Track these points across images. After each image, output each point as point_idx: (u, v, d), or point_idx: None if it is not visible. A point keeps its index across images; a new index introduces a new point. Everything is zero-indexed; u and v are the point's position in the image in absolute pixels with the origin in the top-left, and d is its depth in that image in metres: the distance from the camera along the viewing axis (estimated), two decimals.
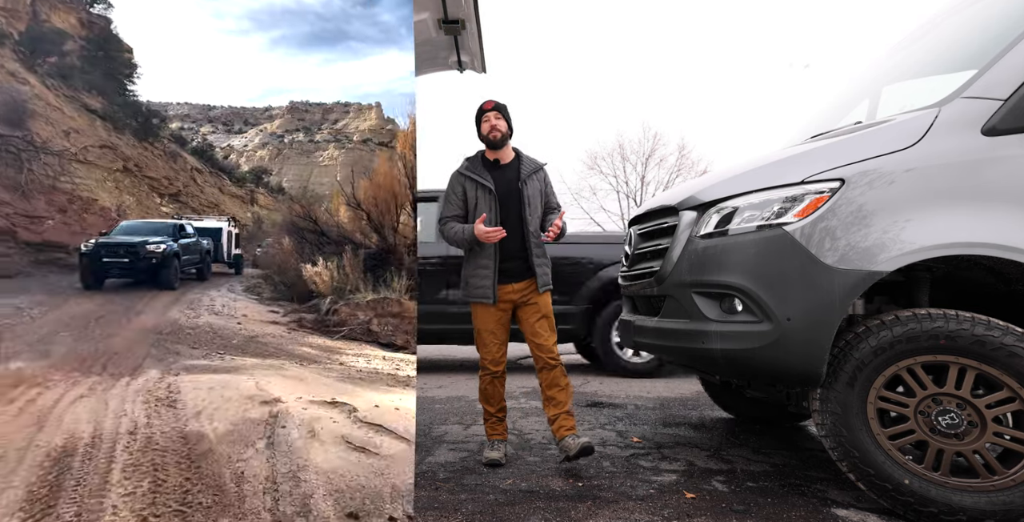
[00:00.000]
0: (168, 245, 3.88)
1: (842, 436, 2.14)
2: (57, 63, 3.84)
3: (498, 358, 2.93)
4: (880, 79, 3.22)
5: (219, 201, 5.30)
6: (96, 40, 4.07)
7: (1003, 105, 2.09)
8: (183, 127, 7.68)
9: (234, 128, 8.99)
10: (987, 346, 1.99)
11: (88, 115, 3.85)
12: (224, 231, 4.65)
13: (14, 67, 3.42)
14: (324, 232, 3.96)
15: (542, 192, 2.97)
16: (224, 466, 1.63)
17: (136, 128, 4.27)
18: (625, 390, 4.91)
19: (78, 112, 3.75)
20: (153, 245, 3.80)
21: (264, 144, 8.54)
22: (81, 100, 3.85)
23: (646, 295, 2.87)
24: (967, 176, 2.09)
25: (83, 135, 3.61)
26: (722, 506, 2.27)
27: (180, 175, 4.47)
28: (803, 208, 2.20)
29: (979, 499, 1.97)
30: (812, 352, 2.13)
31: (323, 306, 3.32)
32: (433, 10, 3.77)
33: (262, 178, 6.43)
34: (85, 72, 3.99)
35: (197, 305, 3.28)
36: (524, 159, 3.00)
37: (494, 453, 2.88)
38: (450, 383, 5.23)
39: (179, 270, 3.95)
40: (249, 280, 4.19)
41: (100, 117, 3.92)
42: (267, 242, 4.85)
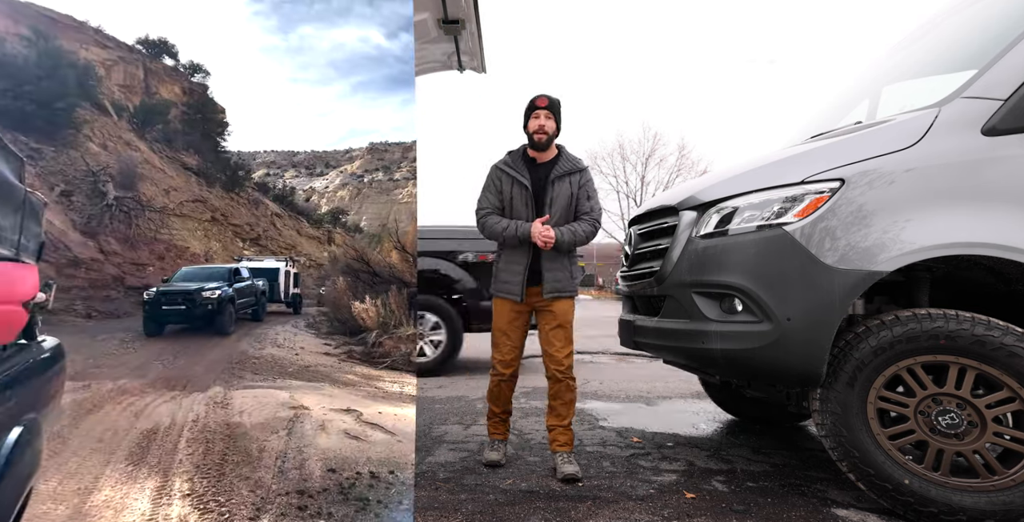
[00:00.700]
0: (223, 290, 3.95)
1: (842, 436, 2.13)
2: (163, 129, 4.43)
3: (508, 360, 2.85)
4: (880, 79, 3.22)
5: (296, 242, 5.61)
6: (195, 105, 4.62)
7: (1003, 105, 2.09)
8: (269, 173, 8.40)
9: (316, 171, 9.41)
10: (987, 346, 1.99)
11: (185, 173, 4.39)
12: (281, 271, 4.66)
13: (129, 137, 4.03)
14: (376, 272, 4.35)
15: (572, 195, 2.77)
16: (252, 442, 2.51)
17: (224, 181, 4.77)
18: (625, 390, 4.91)
19: (177, 171, 4.31)
20: (209, 291, 3.88)
21: (344, 184, 8.95)
22: (180, 159, 4.41)
23: (646, 295, 2.86)
24: (967, 176, 2.09)
25: (180, 192, 4.14)
26: (722, 506, 2.27)
27: (261, 221, 4.91)
28: (803, 208, 2.20)
29: (979, 499, 1.97)
30: (812, 352, 2.13)
31: (370, 339, 3.75)
32: (433, 10, 3.77)
33: (339, 218, 6.67)
34: (186, 134, 4.56)
35: (263, 339, 3.85)
36: (562, 159, 2.83)
37: (493, 454, 2.86)
38: (450, 383, 5.23)
39: (234, 315, 4.02)
40: (309, 318, 4.53)
41: (195, 174, 4.45)
42: (330, 281, 5.15)
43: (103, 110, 3.92)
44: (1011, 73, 2.11)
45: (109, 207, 3.46)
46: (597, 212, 2.82)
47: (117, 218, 3.58)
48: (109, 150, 3.71)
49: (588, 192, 2.81)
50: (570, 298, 2.82)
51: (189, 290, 3.93)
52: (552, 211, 2.74)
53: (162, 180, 4.02)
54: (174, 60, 4.31)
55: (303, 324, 4.29)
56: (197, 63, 4.32)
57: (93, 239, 3.35)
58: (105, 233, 3.47)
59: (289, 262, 4.78)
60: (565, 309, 2.79)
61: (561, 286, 2.77)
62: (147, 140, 4.17)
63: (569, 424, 2.81)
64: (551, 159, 2.83)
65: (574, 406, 2.83)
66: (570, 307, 2.82)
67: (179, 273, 4.13)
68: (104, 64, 4.09)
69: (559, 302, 2.79)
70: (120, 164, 3.79)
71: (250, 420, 2.65)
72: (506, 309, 2.84)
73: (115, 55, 4.13)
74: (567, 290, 2.79)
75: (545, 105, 2.75)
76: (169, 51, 4.22)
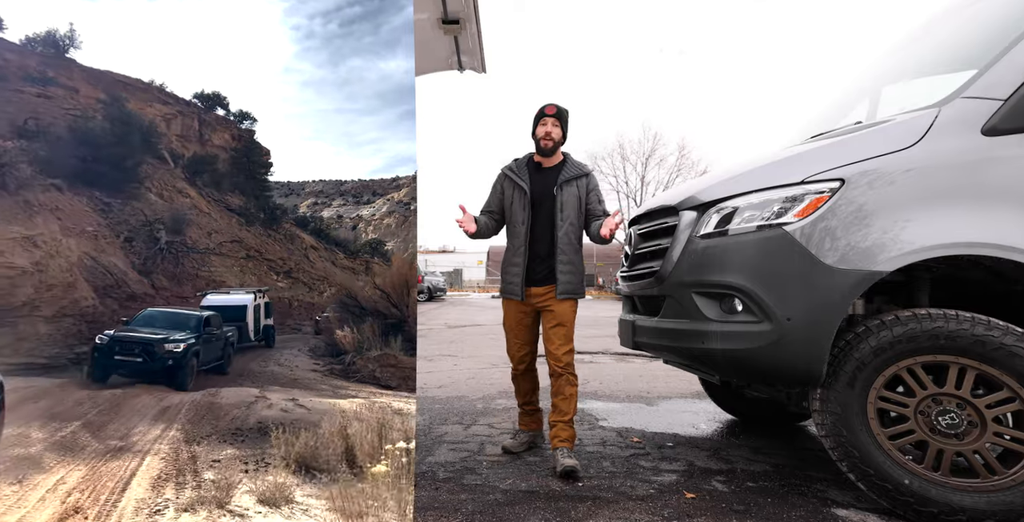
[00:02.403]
0: (188, 343, 3.68)
1: (842, 436, 2.13)
2: (212, 174, 4.91)
3: (519, 357, 3.05)
4: (880, 79, 3.22)
5: (329, 274, 5.84)
6: (243, 149, 5.07)
7: (1003, 105, 2.09)
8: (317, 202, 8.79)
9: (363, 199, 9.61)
10: (987, 346, 1.99)
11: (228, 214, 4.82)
12: (249, 308, 4.46)
13: (182, 185, 4.51)
14: (363, 306, 5.04)
15: (580, 199, 2.90)
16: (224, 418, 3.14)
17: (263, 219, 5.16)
18: (625, 390, 4.90)
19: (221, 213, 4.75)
20: (172, 344, 3.61)
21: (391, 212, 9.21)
22: (226, 201, 4.85)
23: (646, 295, 2.86)
24: (967, 176, 2.09)
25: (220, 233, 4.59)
26: (722, 506, 2.27)
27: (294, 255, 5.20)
28: (803, 208, 2.20)
29: (979, 499, 1.97)
30: (812, 352, 2.13)
31: (347, 360, 4.52)
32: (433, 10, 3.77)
33: (378, 248, 6.84)
34: (232, 176, 5.03)
35: (268, 359, 4.60)
36: (568, 164, 2.97)
37: (509, 442, 3.06)
38: (450, 383, 5.23)
39: (195, 369, 3.77)
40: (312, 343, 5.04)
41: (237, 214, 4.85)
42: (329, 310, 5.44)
43: (162, 160, 4.43)
44: (1011, 73, 2.11)
45: (161, 250, 4.01)
46: (605, 213, 2.94)
47: (167, 259, 4.11)
48: (165, 198, 4.26)
49: (598, 196, 2.97)
50: (574, 299, 2.94)
51: (149, 340, 3.58)
52: (564, 215, 2.89)
53: (207, 223, 4.51)
54: (225, 110, 4.70)
55: (307, 348, 4.87)
56: (245, 111, 4.70)
57: (148, 277, 3.89)
58: (157, 272, 4.00)
59: (258, 294, 4.61)
60: (565, 309, 2.91)
61: (573, 289, 2.91)
62: (198, 186, 4.66)
63: (570, 421, 2.86)
64: (556, 165, 2.98)
65: (575, 402, 2.89)
66: (570, 307, 2.93)
67: (143, 314, 3.85)
68: (165, 118, 4.59)
69: (560, 303, 2.91)
70: (172, 212, 4.27)
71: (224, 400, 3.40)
72: (512, 310, 3.03)
73: (175, 109, 4.64)
74: (579, 293, 2.94)
75: (553, 113, 2.90)
76: (221, 102, 4.64)
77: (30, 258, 3.12)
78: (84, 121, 3.84)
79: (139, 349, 3.55)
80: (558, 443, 2.82)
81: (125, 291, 3.71)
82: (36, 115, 3.53)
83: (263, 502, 1.85)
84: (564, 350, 2.86)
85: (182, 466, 2.16)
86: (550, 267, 2.90)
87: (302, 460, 2.39)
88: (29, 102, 3.71)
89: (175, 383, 3.61)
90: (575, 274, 2.91)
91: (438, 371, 5.96)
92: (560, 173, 2.93)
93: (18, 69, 3.78)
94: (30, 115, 3.52)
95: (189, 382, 3.69)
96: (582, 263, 2.97)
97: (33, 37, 3.60)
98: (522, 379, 3.10)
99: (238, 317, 4.42)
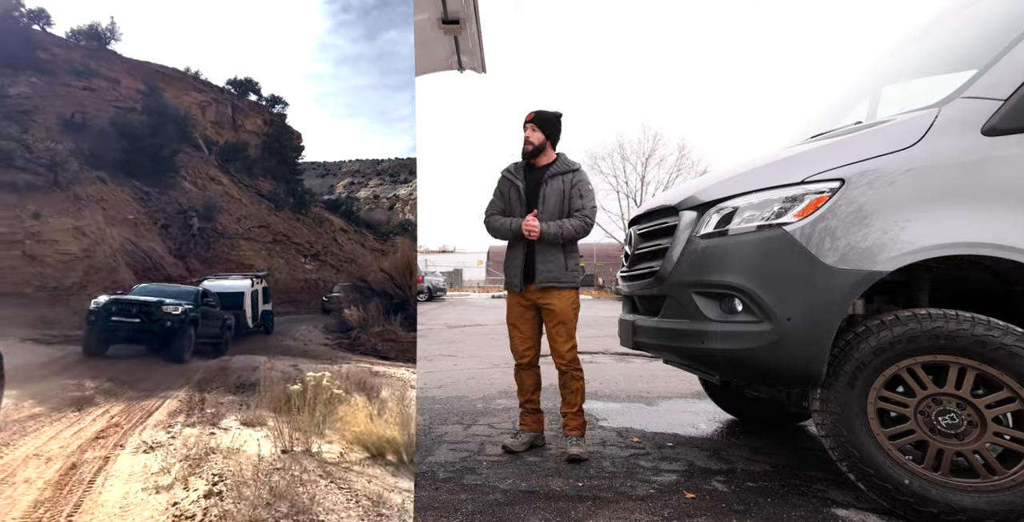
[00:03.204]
0: (186, 308, 3.57)
1: (842, 436, 2.13)
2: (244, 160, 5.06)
3: (521, 351, 3.14)
4: (880, 79, 3.22)
5: (358, 256, 6.00)
6: (274, 134, 5.14)
7: (1003, 105, 2.08)
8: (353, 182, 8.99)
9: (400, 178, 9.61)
10: (987, 346, 1.99)
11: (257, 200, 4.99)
12: (246, 294, 4.46)
13: (215, 173, 4.70)
14: (372, 287, 5.33)
15: (564, 193, 3.02)
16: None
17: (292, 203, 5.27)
18: (625, 390, 4.91)
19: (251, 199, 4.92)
20: (170, 306, 3.50)
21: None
22: (256, 187, 5.02)
23: (646, 295, 2.87)
24: (967, 176, 2.09)
25: (249, 219, 4.78)
26: (722, 506, 2.27)
27: (322, 238, 5.35)
28: (803, 208, 2.20)
29: (979, 499, 1.97)
30: (812, 352, 2.13)
31: (353, 335, 4.83)
32: (433, 10, 3.77)
33: (407, 229, 6.94)
34: (264, 161, 5.14)
35: (284, 334, 4.87)
36: (558, 162, 3.10)
37: (510, 441, 3.08)
38: (450, 383, 5.23)
39: (193, 339, 3.64)
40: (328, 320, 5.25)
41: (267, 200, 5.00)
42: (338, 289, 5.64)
43: (197, 148, 4.60)
44: (1011, 73, 2.11)
45: (194, 236, 4.27)
46: (588, 210, 3.02)
47: (200, 244, 4.37)
48: (198, 186, 4.50)
49: (580, 191, 3.03)
50: (568, 291, 3.02)
51: (147, 302, 3.49)
52: (545, 207, 3.00)
53: (236, 209, 4.74)
54: (257, 95, 4.79)
55: (322, 325, 5.11)
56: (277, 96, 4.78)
57: (183, 261, 4.20)
58: (191, 256, 4.29)
59: (256, 280, 4.60)
60: (564, 307, 3.00)
61: (553, 276, 2.98)
62: (230, 172, 4.85)
63: (579, 410, 3.04)
64: (547, 164, 3.10)
65: (582, 394, 3.07)
66: (568, 305, 3.01)
67: (139, 287, 3.78)
68: (200, 105, 4.73)
69: (557, 300, 2.99)
70: (204, 200, 4.49)
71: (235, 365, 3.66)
72: (513, 303, 3.15)
73: (209, 97, 4.79)
74: (560, 281, 2.99)
75: (530, 119, 3.07)
76: (253, 88, 4.74)
77: (79, 245, 3.57)
78: (124, 113, 4.02)
79: (136, 310, 3.43)
80: (568, 431, 3.02)
81: (162, 273, 4.06)
82: (82, 108, 3.78)
83: (244, 424, 2.52)
84: (566, 348, 3.01)
85: (192, 405, 2.74)
86: (534, 261, 3.01)
87: (277, 401, 2.81)
88: (75, 95, 3.94)
89: (172, 350, 3.46)
90: (555, 263, 2.99)
91: (438, 371, 5.96)
92: (548, 169, 3.07)
93: (65, 63, 3.98)
94: (77, 109, 3.77)
95: (187, 352, 3.56)
96: (566, 256, 3.02)
97: (77, 30, 3.79)
98: (525, 375, 3.16)
99: (235, 304, 4.39)
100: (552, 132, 3.11)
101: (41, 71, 3.85)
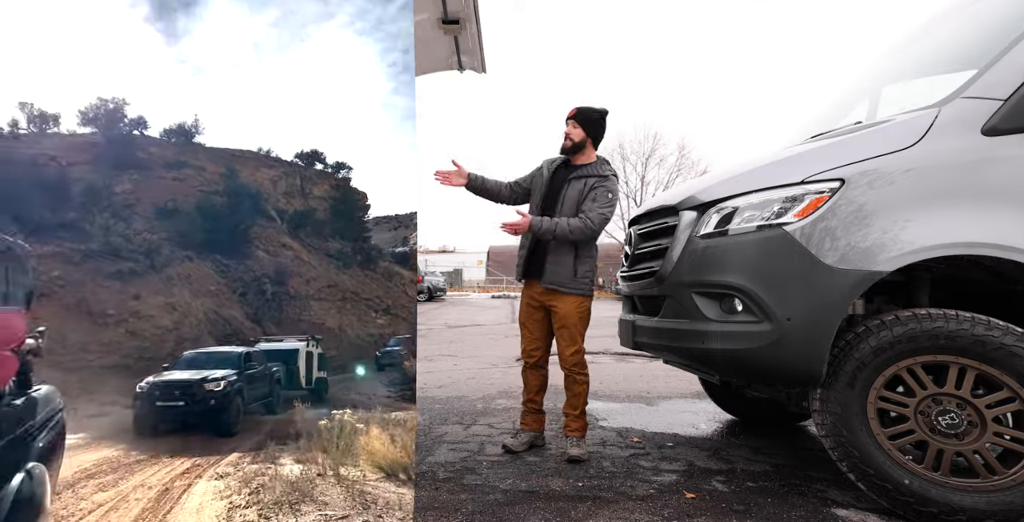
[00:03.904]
0: (230, 380, 3.56)
1: (842, 436, 2.13)
2: (313, 225, 5.42)
3: (529, 351, 3.15)
4: (880, 79, 3.22)
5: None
6: (340, 197, 5.46)
7: (1003, 105, 2.08)
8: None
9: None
10: (987, 346, 1.99)
11: (326, 261, 5.28)
12: (300, 353, 4.46)
13: (286, 240, 5.12)
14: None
15: (581, 195, 2.94)
16: None
17: (360, 260, 5.49)
18: (625, 390, 4.90)
19: (319, 260, 5.24)
20: (212, 383, 3.48)
21: None
22: (325, 248, 5.34)
23: (646, 295, 2.86)
24: (967, 176, 2.09)
25: (319, 279, 5.09)
26: (722, 506, 2.27)
27: (391, 292, 5.56)
28: (803, 208, 2.20)
29: (979, 499, 1.97)
30: (812, 352, 2.13)
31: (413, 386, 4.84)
32: (433, 10, 3.77)
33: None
34: (332, 223, 5.48)
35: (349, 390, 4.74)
36: (593, 165, 3.01)
37: (510, 440, 3.08)
38: (450, 383, 5.23)
39: (242, 410, 3.64)
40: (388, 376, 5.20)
41: (335, 259, 5.29)
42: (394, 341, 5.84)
43: (270, 218, 5.08)
44: (1011, 73, 2.11)
45: (268, 301, 4.62)
46: (593, 213, 2.89)
47: (273, 308, 4.71)
48: (271, 253, 4.98)
49: (594, 195, 2.93)
50: (574, 297, 2.98)
51: (188, 381, 3.45)
52: (563, 209, 2.97)
53: (306, 272, 5.10)
54: (323, 164, 5.28)
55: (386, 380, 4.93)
56: (341, 162, 5.26)
57: (259, 324, 4.58)
58: (265, 319, 4.65)
59: (311, 342, 4.60)
60: (568, 311, 2.97)
61: (559, 280, 2.95)
62: (300, 237, 5.30)
63: (581, 413, 3.04)
64: (583, 164, 3.03)
65: (585, 397, 3.07)
66: (573, 309, 2.98)
67: (183, 358, 3.82)
68: (271, 180, 5.27)
69: (562, 304, 2.97)
70: (276, 265, 4.90)
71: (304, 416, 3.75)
72: (524, 303, 3.16)
73: (279, 171, 5.29)
74: (564, 286, 2.95)
75: (572, 115, 3.01)
76: (319, 158, 5.25)
77: (171, 319, 4.08)
78: (208, 196, 4.57)
79: (179, 392, 3.43)
80: (569, 432, 3.03)
81: (241, 338, 4.47)
82: (173, 197, 4.43)
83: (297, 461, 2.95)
84: (570, 351, 3.00)
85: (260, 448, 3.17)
86: (543, 259, 2.99)
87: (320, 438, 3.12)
88: (168, 186, 4.59)
89: (219, 426, 3.45)
90: (563, 266, 2.94)
91: (438, 371, 5.96)
92: (577, 170, 3.00)
93: (159, 159, 4.68)
94: (169, 198, 4.41)
95: (235, 425, 3.54)
96: (577, 259, 2.96)
97: (169, 130, 4.56)
98: (530, 374, 3.15)
99: (289, 362, 4.41)
100: (594, 130, 3.00)
101: (140, 168, 4.56)
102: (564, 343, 3.01)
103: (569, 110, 3.03)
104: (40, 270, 3.90)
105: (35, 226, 3.98)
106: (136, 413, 3.39)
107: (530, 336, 3.14)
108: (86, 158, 4.54)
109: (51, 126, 4.55)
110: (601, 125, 3.02)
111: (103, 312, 3.92)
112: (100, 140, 4.54)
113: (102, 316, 3.91)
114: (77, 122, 4.54)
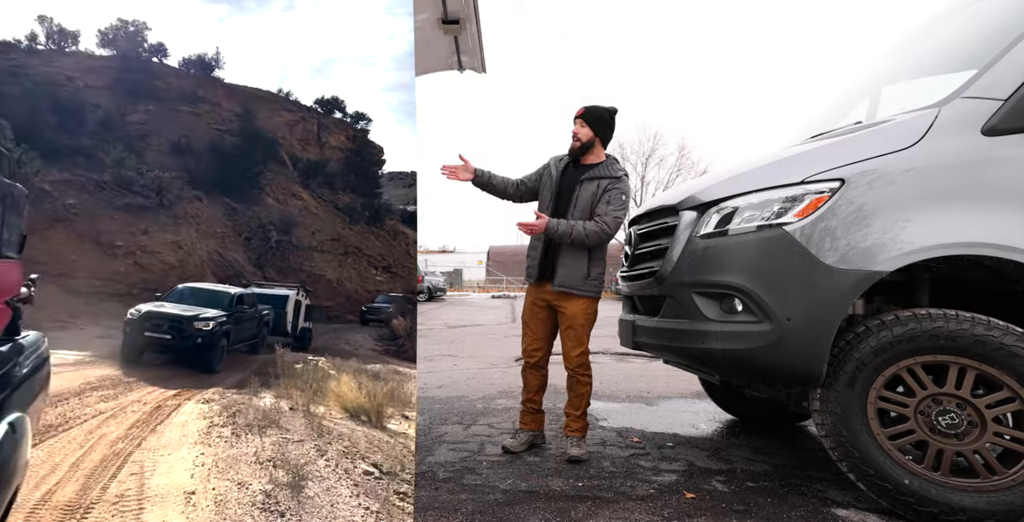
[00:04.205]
0: (219, 321, 3.62)
1: (842, 436, 2.13)
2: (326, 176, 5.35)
3: (530, 351, 3.11)
4: (880, 79, 3.22)
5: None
6: (356, 149, 5.44)
7: (1003, 105, 2.08)
8: None
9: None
10: (987, 346, 1.99)
11: (333, 213, 5.28)
12: (290, 300, 4.56)
13: (296, 189, 5.07)
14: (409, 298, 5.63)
15: (595, 196, 2.89)
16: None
17: (368, 217, 5.51)
18: (625, 390, 4.90)
19: (327, 213, 5.22)
20: (202, 322, 3.57)
21: None
22: (335, 201, 5.34)
23: (646, 295, 2.86)
24: (967, 176, 2.09)
25: (323, 232, 5.11)
26: (722, 506, 2.27)
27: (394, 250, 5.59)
28: (803, 208, 2.20)
29: (979, 499, 1.97)
30: (812, 352, 2.13)
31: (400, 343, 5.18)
32: (433, 10, 3.77)
33: None
34: (344, 175, 5.43)
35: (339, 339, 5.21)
36: (604, 164, 2.97)
37: (510, 441, 3.07)
38: (450, 383, 5.23)
39: (226, 350, 3.71)
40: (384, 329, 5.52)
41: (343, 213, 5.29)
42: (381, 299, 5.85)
43: (282, 164, 5.03)
44: (1011, 73, 2.11)
45: (271, 248, 4.68)
46: (608, 216, 2.86)
47: (276, 255, 4.78)
48: (280, 202, 4.97)
49: (609, 198, 2.89)
50: (584, 299, 2.95)
51: (179, 317, 3.52)
52: (575, 211, 2.92)
53: (312, 223, 5.11)
54: (342, 113, 5.09)
55: (376, 334, 5.43)
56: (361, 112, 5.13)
57: (261, 270, 4.68)
58: (268, 265, 4.74)
59: (300, 292, 4.62)
60: (575, 312, 2.94)
61: (571, 283, 2.91)
62: (311, 188, 5.24)
63: (582, 414, 3.02)
64: (593, 164, 2.99)
65: (587, 399, 3.04)
66: (581, 310, 2.95)
67: (177, 290, 3.87)
68: (288, 124, 5.14)
69: (570, 305, 2.95)
70: (282, 214, 4.93)
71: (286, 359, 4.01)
72: (529, 301, 3.11)
73: (298, 116, 5.15)
74: (576, 288, 2.92)
75: (580, 114, 2.98)
76: (339, 106, 5.06)
77: (176, 257, 4.23)
78: (221, 135, 4.55)
79: (168, 325, 3.51)
80: (569, 432, 3.02)
81: (242, 282, 4.61)
82: (188, 132, 4.39)
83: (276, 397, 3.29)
84: (575, 352, 2.97)
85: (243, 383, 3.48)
86: (555, 261, 2.95)
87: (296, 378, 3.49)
88: (183, 120, 4.54)
89: (203, 363, 3.54)
90: (576, 269, 2.91)
91: (438, 371, 5.96)
92: (589, 171, 2.95)
93: (176, 91, 4.59)
94: (183, 133, 4.37)
95: (219, 364, 3.62)
96: (590, 262, 2.92)
97: (188, 60, 4.36)
98: (530, 374, 3.12)
99: (278, 307, 4.52)
100: (603, 129, 2.97)
101: (156, 98, 4.46)
102: (570, 344, 2.98)
103: (577, 109, 2.98)
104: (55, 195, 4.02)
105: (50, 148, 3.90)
106: (124, 339, 3.48)
107: (532, 336, 3.10)
108: (105, 82, 4.41)
109: (69, 44, 4.26)
110: (610, 124, 2.99)
111: (112, 243, 4.05)
112: (118, 64, 4.35)
113: (111, 247, 4.04)
114: (96, 42, 4.26)
